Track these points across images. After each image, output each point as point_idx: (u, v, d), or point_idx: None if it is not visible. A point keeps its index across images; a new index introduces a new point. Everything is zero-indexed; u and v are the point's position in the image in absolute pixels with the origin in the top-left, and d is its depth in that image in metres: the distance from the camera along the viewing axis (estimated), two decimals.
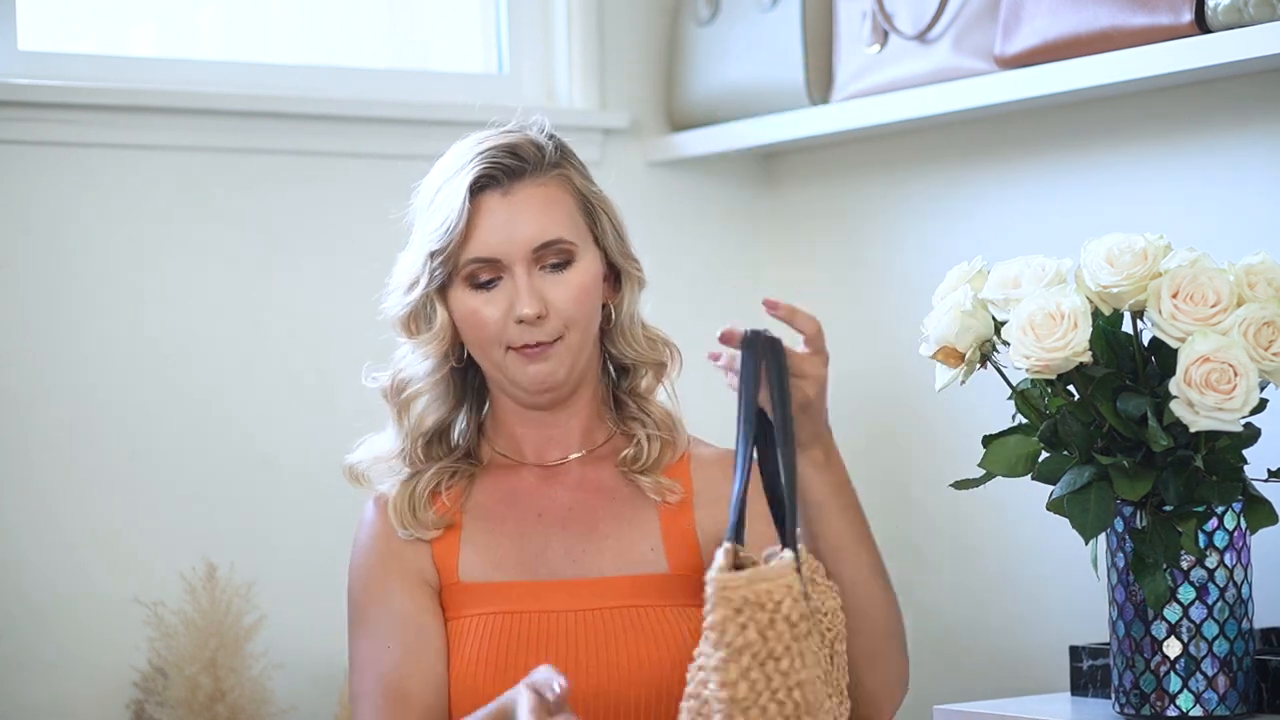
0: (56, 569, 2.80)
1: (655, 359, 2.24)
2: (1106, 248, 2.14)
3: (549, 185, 2.15)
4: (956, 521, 2.98)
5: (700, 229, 3.28)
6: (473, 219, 2.12)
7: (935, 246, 3.00)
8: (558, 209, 2.14)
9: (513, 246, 2.12)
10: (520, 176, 2.14)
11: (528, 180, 2.14)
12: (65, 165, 2.83)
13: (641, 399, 2.23)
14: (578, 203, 2.17)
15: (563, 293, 2.13)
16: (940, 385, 2.21)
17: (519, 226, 2.12)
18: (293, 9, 3.16)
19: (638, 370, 2.24)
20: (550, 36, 3.23)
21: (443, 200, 2.14)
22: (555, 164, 2.17)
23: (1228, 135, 2.62)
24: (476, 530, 2.18)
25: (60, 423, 2.81)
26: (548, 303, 2.12)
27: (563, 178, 2.17)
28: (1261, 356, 2.07)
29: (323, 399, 2.96)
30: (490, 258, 2.12)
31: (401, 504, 2.18)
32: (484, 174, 2.12)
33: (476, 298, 2.13)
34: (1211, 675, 2.16)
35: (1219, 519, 2.16)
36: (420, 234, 2.16)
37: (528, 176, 2.14)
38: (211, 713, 2.75)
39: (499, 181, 2.13)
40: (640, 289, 2.23)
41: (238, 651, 2.78)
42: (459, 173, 2.14)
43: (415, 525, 2.17)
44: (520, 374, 2.13)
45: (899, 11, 2.90)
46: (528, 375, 2.13)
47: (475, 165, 2.13)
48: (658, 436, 2.21)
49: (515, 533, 2.17)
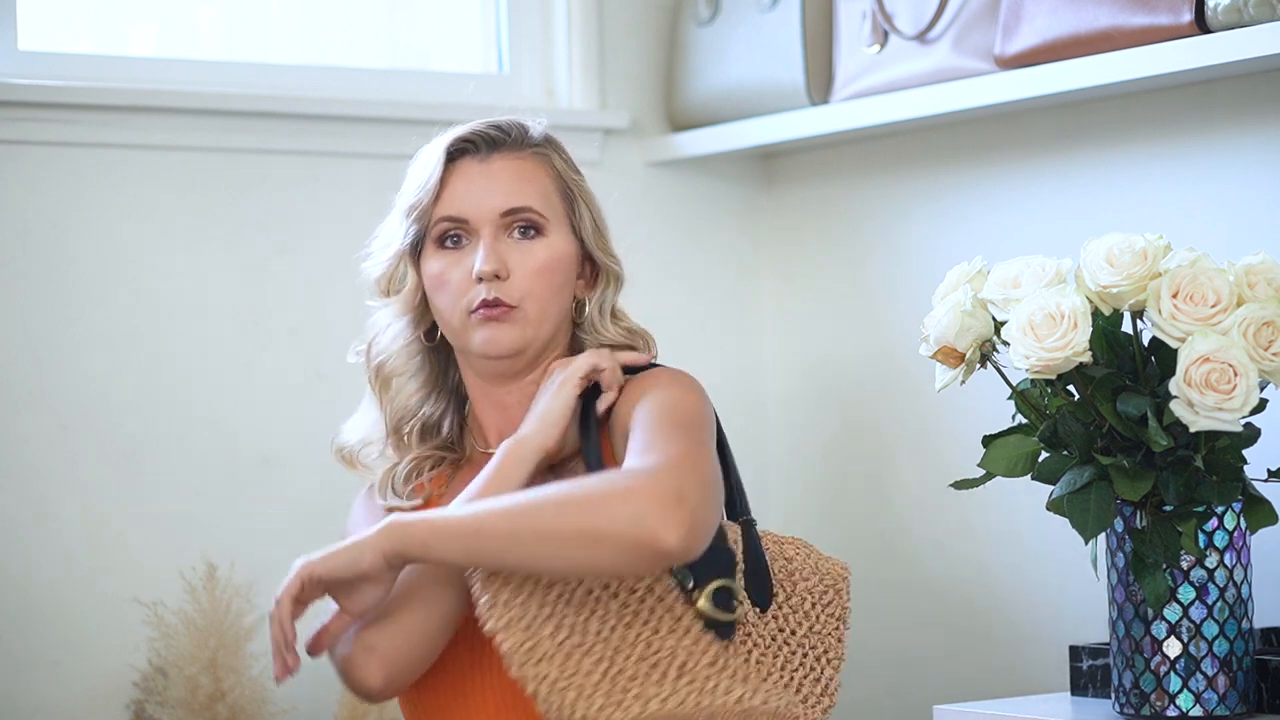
0: (56, 569, 2.80)
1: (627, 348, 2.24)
2: (1106, 248, 2.14)
3: (527, 160, 2.19)
4: (956, 521, 2.98)
5: (700, 229, 3.28)
6: (447, 179, 2.17)
7: (935, 246, 3.00)
8: (532, 183, 2.18)
9: (480, 210, 2.16)
10: (499, 147, 2.19)
11: (506, 151, 2.19)
12: (65, 165, 2.83)
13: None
14: (555, 184, 2.20)
15: (526, 261, 2.15)
16: (940, 385, 2.21)
17: (491, 191, 2.16)
18: (293, 9, 3.16)
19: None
20: (550, 36, 3.23)
21: (423, 162, 2.20)
22: (537, 145, 2.21)
23: (1228, 135, 2.62)
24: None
25: (60, 422, 2.81)
26: (509, 267, 2.15)
27: (542, 157, 2.21)
28: (1261, 356, 2.07)
29: (322, 399, 2.96)
30: (459, 217, 2.16)
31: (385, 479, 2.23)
32: (465, 140, 2.18)
33: (444, 259, 2.17)
34: (1211, 675, 2.16)
35: (1219, 519, 2.16)
36: (401, 196, 2.22)
37: (507, 149, 2.19)
38: (211, 713, 2.75)
39: (478, 148, 2.18)
40: (619, 286, 2.24)
41: (238, 651, 2.78)
42: (443, 138, 2.20)
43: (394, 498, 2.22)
44: (475, 336, 2.15)
45: (899, 11, 2.90)
46: (481, 337, 2.15)
47: (458, 131, 2.20)
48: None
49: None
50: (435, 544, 1.96)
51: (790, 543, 2.13)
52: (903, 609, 3.06)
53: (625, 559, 1.91)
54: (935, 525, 3.03)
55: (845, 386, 3.19)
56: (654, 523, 1.88)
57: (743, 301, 3.30)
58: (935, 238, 3.01)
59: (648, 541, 1.89)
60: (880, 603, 3.05)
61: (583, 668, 1.95)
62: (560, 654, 1.95)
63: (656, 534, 1.88)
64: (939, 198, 3.01)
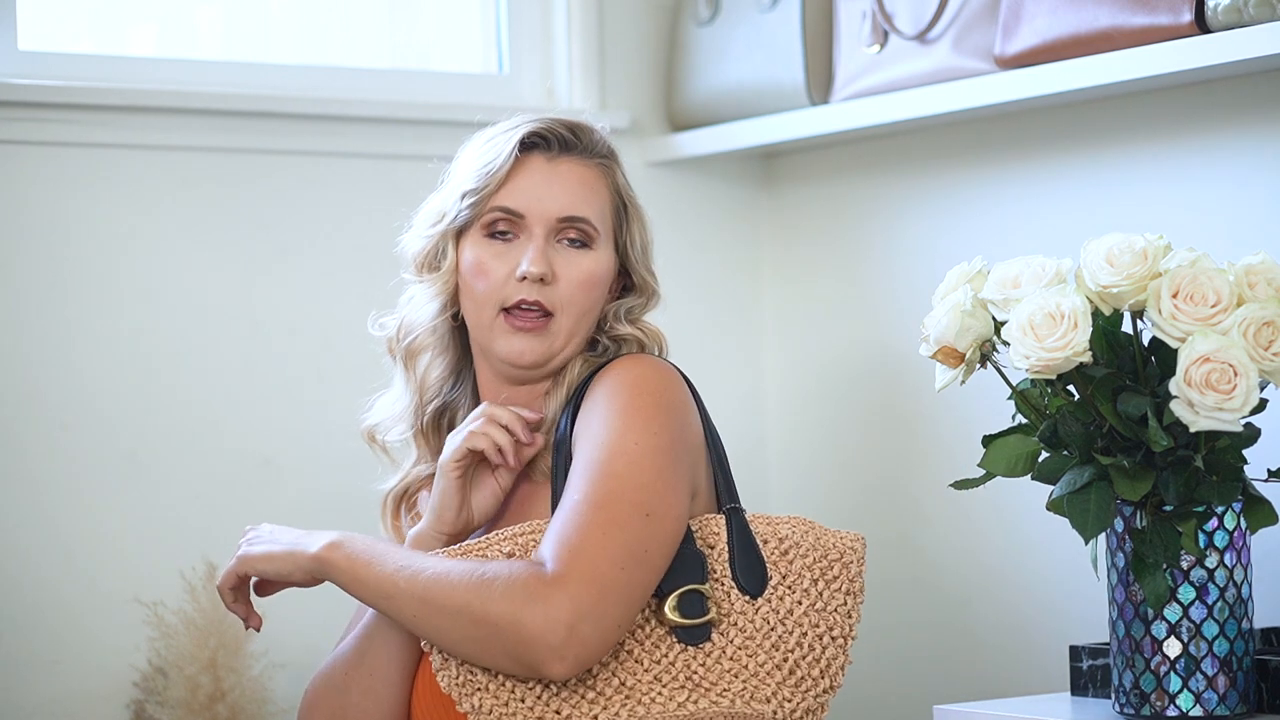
0: (56, 569, 2.80)
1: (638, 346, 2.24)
2: (1106, 248, 2.14)
3: (594, 169, 2.20)
4: (956, 521, 2.98)
5: (700, 229, 3.28)
6: (515, 170, 2.16)
7: (935, 246, 3.00)
8: (594, 194, 2.18)
9: (541, 207, 2.15)
10: (571, 150, 2.19)
11: (576, 156, 2.19)
12: (65, 165, 2.83)
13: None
14: (612, 199, 2.21)
15: (572, 272, 2.15)
16: (940, 385, 2.21)
17: (554, 193, 2.16)
18: (293, 9, 3.16)
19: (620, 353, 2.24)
20: (550, 36, 3.23)
21: (492, 146, 2.19)
22: (605, 154, 2.22)
23: (1228, 135, 2.62)
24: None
25: (60, 422, 2.81)
26: (556, 273, 2.14)
27: (607, 169, 2.21)
28: (1261, 356, 2.07)
29: (322, 399, 2.96)
30: (516, 210, 2.16)
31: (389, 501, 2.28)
32: (538, 133, 2.18)
33: (489, 248, 2.16)
34: (1211, 675, 2.16)
35: (1219, 519, 2.16)
36: (459, 175, 2.20)
37: (577, 153, 2.19)
38: (211, 713, 2.75)
39: (550, 145, 2.18)
40: (654, 304, 2.25)
41: (238, 651, 2.78)
42: (515, 128, 2.19)
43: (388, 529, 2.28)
44: (503, 342, 2.16)
45: (899, 11, 2.90)
46: (509, 345, 2.16)
47: (532, 124, 2.18)
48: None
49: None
50: (354, 588, 2.06)
51: (786, 522, 2.12)
52: (903, 609, 3.06)
53: (517, 671, 1.98)
54: (935, 525, 3.03)
55: (845, 386, 3.19)
56: (540, 655, 1.94)
57: (743, 301, 3.30)
58: (935, 238, 3.01)
59: (535, 666, 1.96)
60: (880, 603, 3.05)
61: (517, 694, 2.01)
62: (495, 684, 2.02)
63: (542, 664, 1.95)
64: (939, 198, 3.01)
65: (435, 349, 2.25)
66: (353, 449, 2.39)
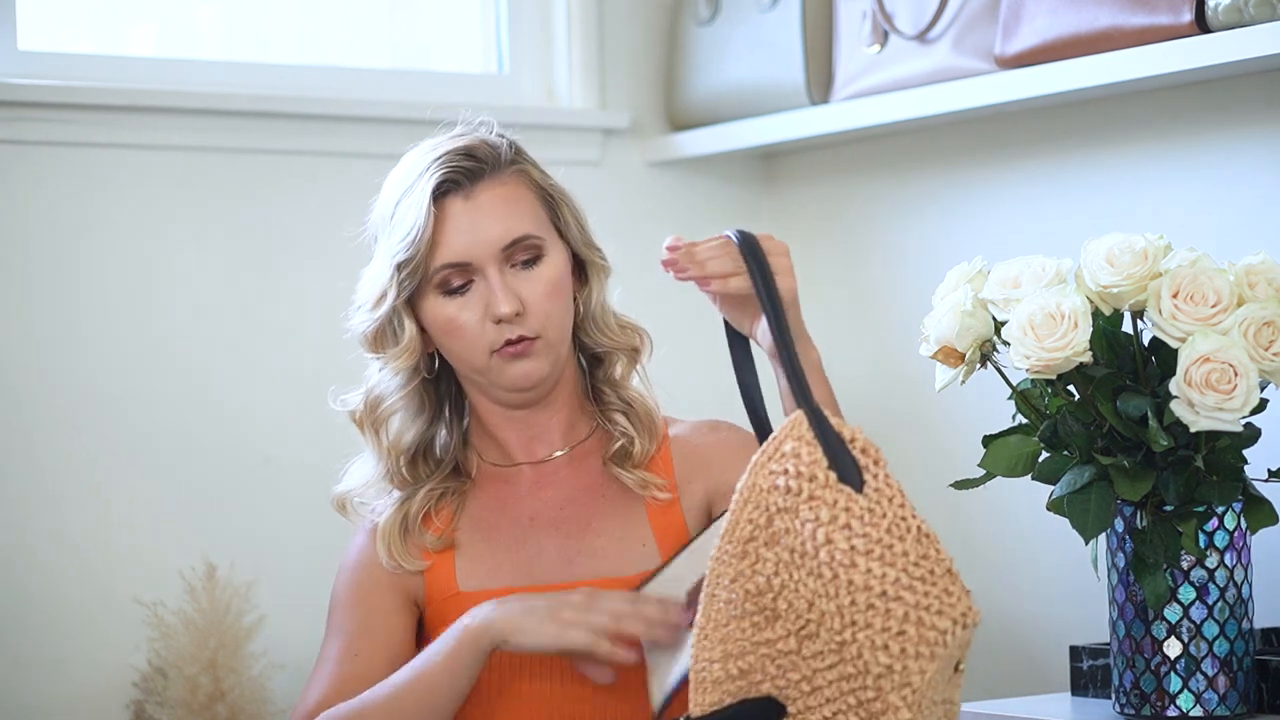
0: (57, 568, 2.80)
1: (628, 345, 2.23)
2: (1106, 248, 2.14)
3: (509, 183, 2.14)
4: (956, 521, 2.98)
5: (700, 229, 3.26)
6: (438, 225, 2.10)
7: (935, 246, 3.00)
8: (521, 206, 2.14)
9: (482, 248, 2.11)
10: (480, 178, 2.12)
11: (488, 180, 2.13)
12: (65, 165, 2.83)
13: (619, 387, 2.23)
14: (538, 197, 2.16)
15: (536, 289, 2.12)
16: (940, 385, 2.21)
17: (485, 227, 2.11)
18: (293, 9, 3.16)
19: (611, 358, 2.23)
20: (550, 36, 3.23)
21: (405, 210, 2.12)
22: (511, 161, 2.16)
23: (1228, 135, 2.62)
24: (471, 542, 2.18)
25: (60, 422, 2.81)
26: (523, 300, 2.11)
27: (521, 173, 2.16)
28: (1261, 356, 2.07)
29: (323, 398, 2.95)
30: (460, 262, 2.11)
31: (393, 532, 2.18)
32: (444, 179, 2.11)
33: (450, 304, 2.12)
34: (1212, 675, 2.16)
35: (1219, 519, 2.16)
36: (385, 246, 2.14)
37: (487, 177, 2.13)
38: (211, 713, 2.75)
39: (460, 185, 2.12)
40: (606, 277, 2.22)
41: (238, 651, 2.78)
42: (418, 180, 2.12)
43: (403, 554, 2.16)
44: (504, 375, 2.13)
45: (899, 11, 2.90)
46: (512, 375, 2.13)
47: (434, 172, 2.12)
48: (642, 428, 2.20)
49: (509, 540, 2.17)
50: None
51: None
52: None
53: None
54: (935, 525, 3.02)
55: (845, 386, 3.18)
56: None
57: None
58: (935, 238, 3.01)
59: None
60: None
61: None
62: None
63: None
64: (939, 198, 3.01)
65: (406, 411, 2.20)
66: (352, 449, 2.39)
